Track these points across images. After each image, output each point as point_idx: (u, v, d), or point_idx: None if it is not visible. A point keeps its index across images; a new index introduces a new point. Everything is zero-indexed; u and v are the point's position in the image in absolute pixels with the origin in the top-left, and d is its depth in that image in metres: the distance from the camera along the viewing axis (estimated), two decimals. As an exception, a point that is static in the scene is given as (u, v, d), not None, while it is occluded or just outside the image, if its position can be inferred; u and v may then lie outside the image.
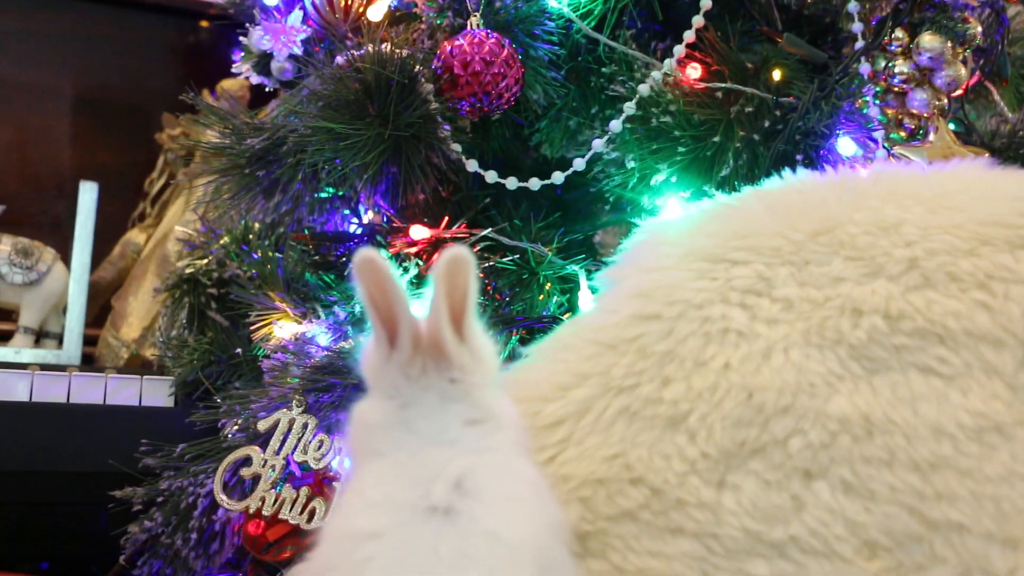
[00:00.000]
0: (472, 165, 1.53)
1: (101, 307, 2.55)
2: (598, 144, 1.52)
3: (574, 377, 1.07)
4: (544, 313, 1.54)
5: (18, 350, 2.22)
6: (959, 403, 1.00)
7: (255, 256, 1.79)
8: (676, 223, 1.19)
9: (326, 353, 1.42)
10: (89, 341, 2.41)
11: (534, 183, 1.53)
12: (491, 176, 1.53)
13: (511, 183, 1.52)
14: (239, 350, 1.66)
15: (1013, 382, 0.99)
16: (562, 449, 1.03)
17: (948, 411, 0.99)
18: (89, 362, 2.43)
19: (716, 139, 1.49)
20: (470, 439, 0.86)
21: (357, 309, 1.47)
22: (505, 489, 0.84)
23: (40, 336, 2.34)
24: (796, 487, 0.99)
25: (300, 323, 1.52)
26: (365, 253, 0.81)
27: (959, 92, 1.60)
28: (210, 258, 1.89)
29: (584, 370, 1.07)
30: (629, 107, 1.50)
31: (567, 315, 1.54)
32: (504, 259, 1.56)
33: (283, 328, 1.54)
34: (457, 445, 0.85)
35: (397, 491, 0.82)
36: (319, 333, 1.48)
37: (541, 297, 1.56)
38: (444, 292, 0.82)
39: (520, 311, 1.53)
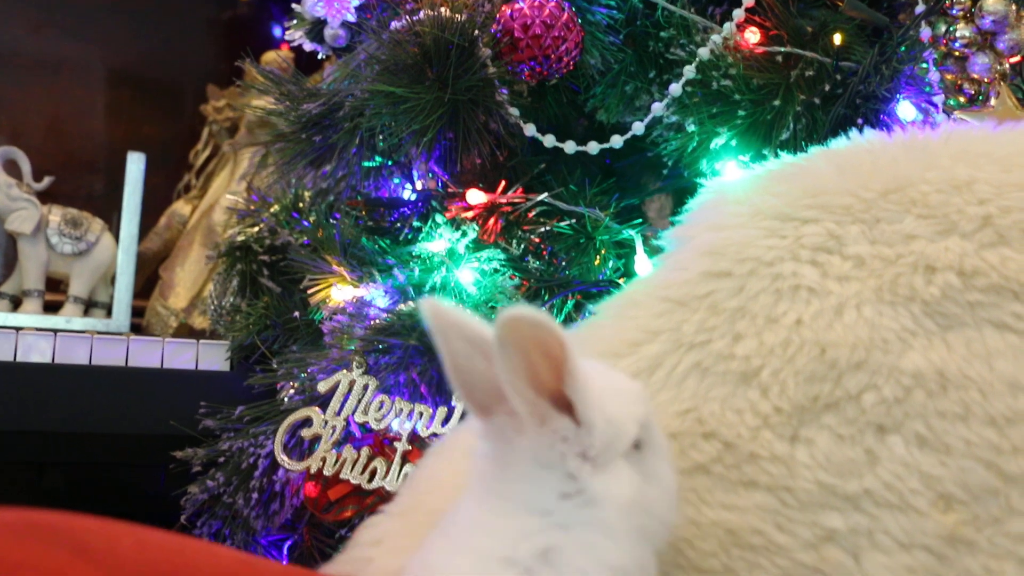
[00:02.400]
0: (530, 129, 1.54)
1: (147, 278, 2.58)
2: (658, 107, 1.52)
3: (645, 333, 1.08)
4: (600, 277, 1.54)
5: (69, 319, 2.24)
6: (1035, 358, 1.00)
7: (306, 224, 1.80)
8: (743, 182, 1.20)
9: (385, 315, 1.43)
10: (136, 312, 2.44)
11: (592, 147, 1.53)
12: (549, 140, 1.54)
13: (569, 147, 1.53)
14: (296, 314, 1.67)
15: (1090, 338, 1.00)
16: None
17: (1024, 366, 1.00)
18: (137, 331, 2.45)
19: (776, 103, 1.49)
20: (563, 512, 0.82)
21: (416, 273, 1.48)
22: (586, 571, 0.82)
23: (89, 306, 2.36)
24: (870, 441, 1.00)
25: (357, 287, 1.54)
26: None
27: (1020, 57, 1.59)
28: (261, 226, 1.90)
29: (655, 326, 1.08)
30: (689, 71, 1.50)
31: (623, 279, 1.55)
32: (560, 223, 1.57)
33: (341, 292, 1.55)
34: (549, 516, 0.82)
35: (486, 544, 0.82)
36: (377, 296, 1.49)
37: (597, 261, 1.56)
38: (514, 358, 0.76)
39: (576, 275, 1.54)
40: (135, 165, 2.37)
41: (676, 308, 1.08)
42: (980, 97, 1.59)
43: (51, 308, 2.34)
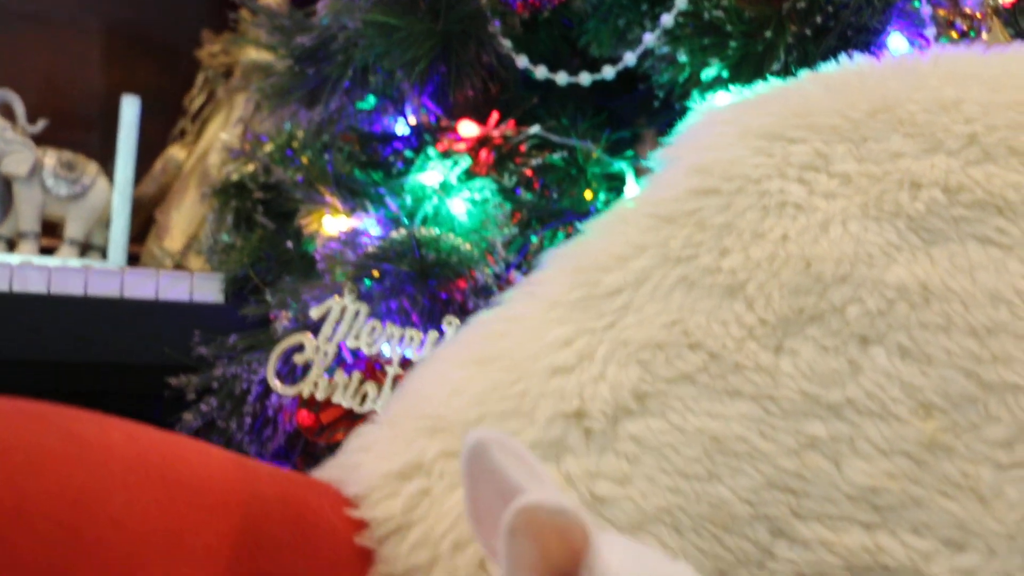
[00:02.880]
0: (522, 61, 1.54)
1: (143, 223, 2.59)
2: (649, 39, 1.53)
3: (633, 248, 1.09)
4: (592, 209, 1.55)
5: (65, 260, 2.25)
6: (1017, 270, 1.01)
7: (300, 163, 1.80)
8: (732, 104, 1.21)
9: (378, 243, 1.44)
10: (131, 258, 2.44)
11: (584, 77, 1.54)
12: (541, 71, 1.54)
13: (561, 78, 1.54)
14: (289, 243, 1.68)
15: (1072, 250, 1.01)
16: (621, 316, 1.05)
17: (1006, 278, 1.01)
18: (133, 271, 2.46)
19: (767, 35, 1.49)
20: None
21: (408, 201, 1.49)
22: None
23: (85, 249, 2.37)
24: (853, 352, 1.01)
25: (350, 217, 1.55)
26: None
27: (1013, -5, 1.59)
28: (255, 164, 1.90)
29: (643, 241, 1.09)
30: (680, 2, 1.50)
31: (614, 212, 1.56)
32: (552, 156, 1.58)
33: (333, 222, 1.56)
34: None
35: None
36: (370, 225, 1.50)
37: (588, 194, 1.57)
38: (524, 550, 0.67)
39: (568, 207, 1.55)
40: (129, 108, 2.37)
41: (663, 224, 1.09)
42: (972, 32, 1.59)
43: (47, 252, 2.35)
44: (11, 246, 2.31)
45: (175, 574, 0.76)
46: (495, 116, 1.61)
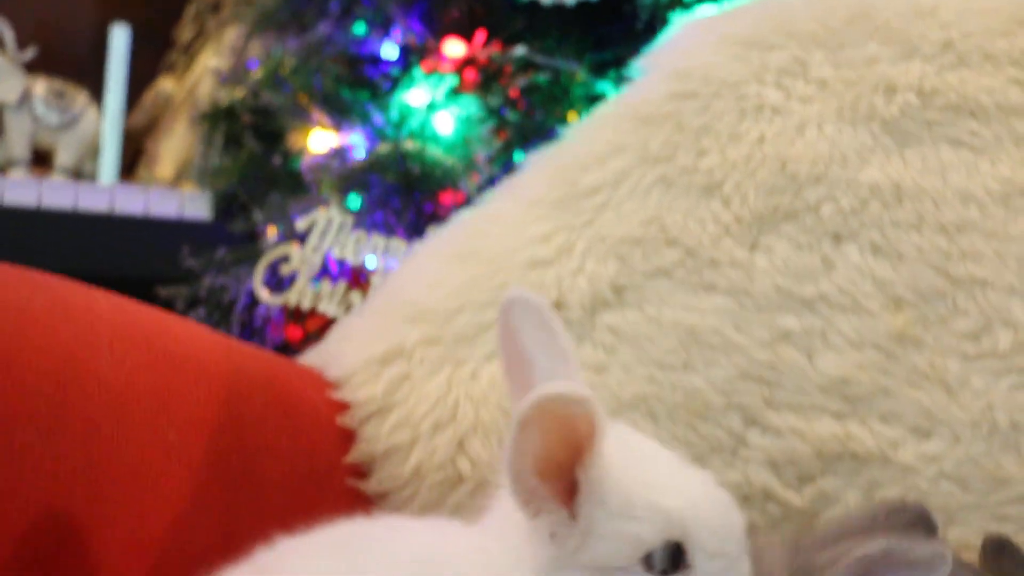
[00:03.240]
0: (509, -23, 1.55)
1: (133, 154, 2.59)
2: (634, -43, 1.54)
3: (612, 148, 1.10)
4: (576, 129, 1.57)
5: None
6: (987, 171, 1.03)
7: (288, 89, 1.81)
8: (712, 14, 1.22)
9: (364, 156, 1.45)
10: (121, 188, 2.46)
11: (569, -1, 1.55)
12: (528, -14, 1.55)
13: (546, -1, 1.55)
14: (276, 159, 1.70)
15: (1042, 150, 1.03)
16: (600, 213, 1.06)
17: (976, 179, 1.03)
18: (123, 202, 2.47)
19: (750, -46, 1.50)
20: None
21: (395, 117, 1.50)
22: None
23: (75, 177, 2.38)
24: (827, 249, 1.03)
25: (336, 133, 1.56)
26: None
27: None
28: (245, 89, 1.91)
29: (622, 142, 1.10)
30: (664, -79, 1.51)
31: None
32: (537, 76, 1.59)
33: (320, 138, 1.58)
34: None
35: None
36: (356, 141, 1.51)
37: (572, 114, 1.58)
38: (530, 440, 0.64)
39: (552, 126, 1.56)
40: (119, 37, 2.37)
41: (642, 126, 1.11)
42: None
43: (38, 180, 2.36)
44: (2, 173, 2.32)
45: (160, 437, 0.78)
46: (481, 37, 1.61)
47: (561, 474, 0.65)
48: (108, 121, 2.33)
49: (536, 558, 0.66)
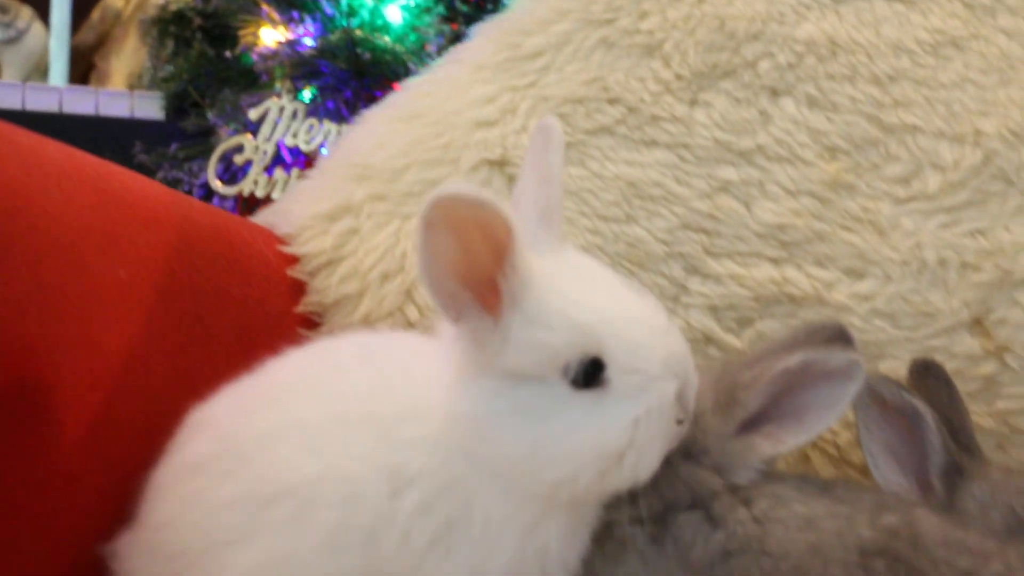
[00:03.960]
0: None
1: (83, 71, 2.58)
2: None
3: (555, 13, 1.12)
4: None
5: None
6: (919, 23, 1.06)
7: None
8: None
9: (315, 46, 1.46)
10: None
11: None
12: None
13: None
14: (227, 53, 1.70)
15: (971, 1, 1.07)
16: (543, 75, 1.08)
17: (908, 30, 1.06)
18: (72, 120, 2.47)
19: None
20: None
21: (344, 5, 1.51)
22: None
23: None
24: (764, 103, 1.06)
25: (287, 27, 1.57)
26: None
27: None
28: (194, -6, 1.91)
29: (564, 7, 1.12)
30: None
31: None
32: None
33: (271, 32, 1.58)
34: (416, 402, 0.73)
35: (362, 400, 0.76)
36: (306, 36, 1.52)
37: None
38: (442, 242, 0.64)
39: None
40: (63, -48, 2.35)
41: (584, -9, 1.13)
42: None
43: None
44: (-53, 83, 2.31)
45: (110, 273, 0.79)
46: (429, -74, 1.62)
47: (484, 280, 0.66)
48: (55, 36, 2.32)
49: (460, 362, 0.69)
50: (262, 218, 1.04)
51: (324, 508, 0.68)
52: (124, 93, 1.85)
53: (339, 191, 1.02)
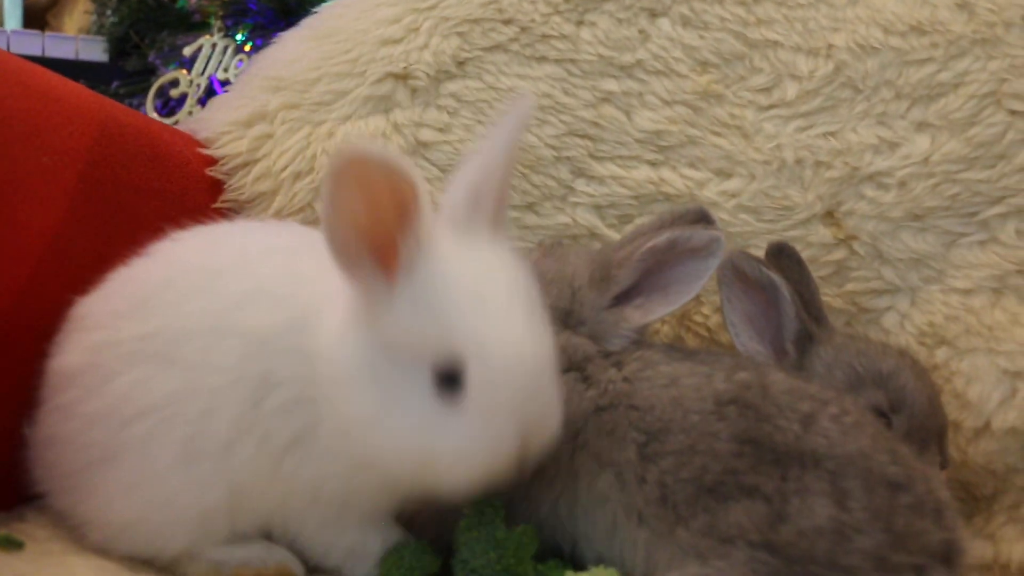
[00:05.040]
0: None
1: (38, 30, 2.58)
2: None
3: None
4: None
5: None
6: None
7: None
8: None
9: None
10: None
11: None
12: None
13: None
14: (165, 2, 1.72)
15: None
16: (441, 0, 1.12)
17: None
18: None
19: None
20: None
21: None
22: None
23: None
24: (643, 23, 1.10)
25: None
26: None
27: None
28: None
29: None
30: None
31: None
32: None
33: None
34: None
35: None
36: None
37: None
38: (348, 197, 0.62)
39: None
40: (17, -86, 2.34)
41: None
42: None
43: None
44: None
45: (33, 158, 0.81)
46: None
47: (386, 241, 0.63)
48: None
49: (347, 313, 0.67)
50: (184, 126, 1.08)
51: (181, 424, 0.68)
52: (70, 37, 1.86)
53: (255, 100, 1.05)
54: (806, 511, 0.69)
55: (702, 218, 0.89)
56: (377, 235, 0.63)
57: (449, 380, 0.64)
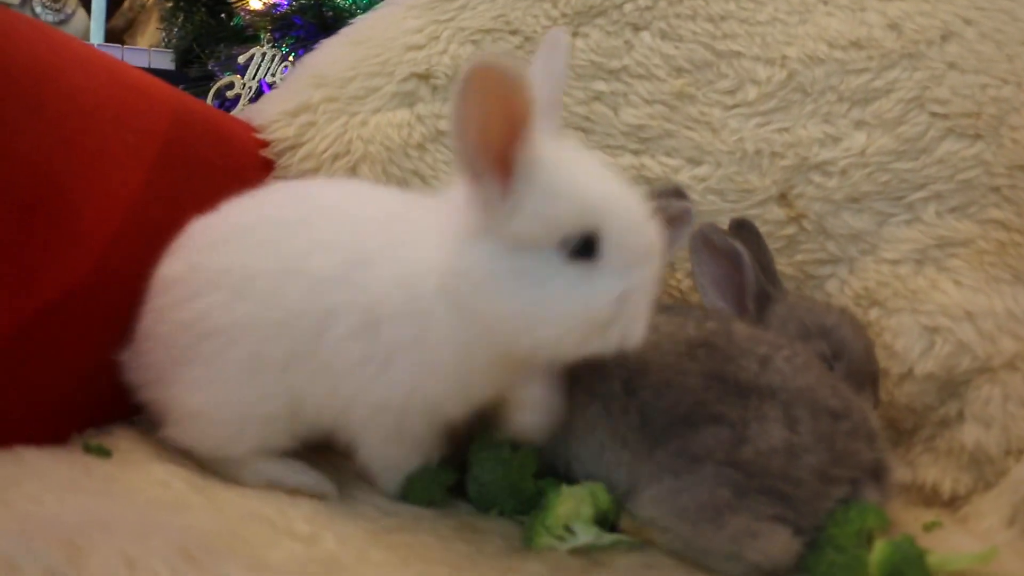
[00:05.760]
0: None
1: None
2: None
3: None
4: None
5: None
6: (744, -24, 1.11)
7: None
8: None
9: (290, 4, 1.49)
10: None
11: None
12: None
13: None
14: (223, 16, 1.71)
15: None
16: (460, 13, 1.11)
17: (736, -18, 1.11)
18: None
19: None
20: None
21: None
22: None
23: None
24: (628, 35, 1.10)
25: (271, -7, 1.58)
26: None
27: None
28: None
29: (477, -37, 1.16)
30: None
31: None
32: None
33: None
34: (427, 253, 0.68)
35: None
36: (282, -1, 1.54)
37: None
38: (470, 106, 0.59)
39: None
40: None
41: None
42: None
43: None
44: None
45: (120, 135, 0.82)
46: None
47: (500, 150, 0.61)
48: (94, 20, 2.31)
49: (467, 222, 0.64)
50: (242, 114, 1.07)
51: (245, 345, 0.69)
52: (143, 49, 1.85)
53: (301, 94, 1.05)
54: (763, 434, 0.70)
55: (676, 192, 0.89)
56: (495, 143, 0.61)
57: (585, 247, 0.63)
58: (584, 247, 0.63)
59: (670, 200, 0.86)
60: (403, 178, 1.02)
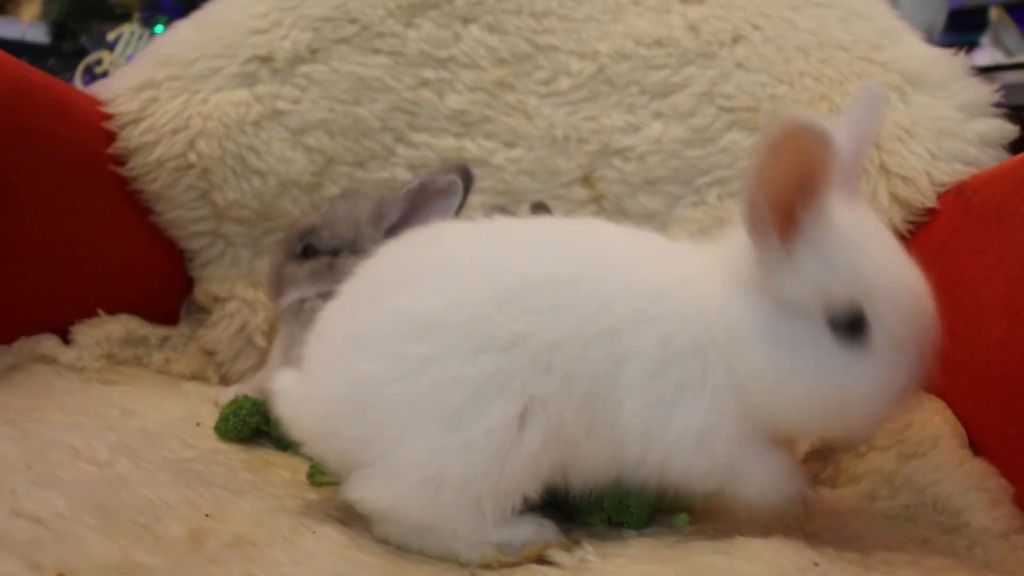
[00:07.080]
0: None
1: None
2: None
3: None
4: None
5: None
6: (561, -25, 1.26)
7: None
8: None
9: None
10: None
11: None
12: None
13: None
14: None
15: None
16: (303, 1, 1.23)
17: (558, -17, 1.26)
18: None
19: None
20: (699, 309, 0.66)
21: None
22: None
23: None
24: (457, 28, 1.23)
25: (143, -26, 1.68)
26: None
27: None
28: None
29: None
30: None
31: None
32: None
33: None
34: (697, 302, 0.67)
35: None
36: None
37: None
38: (772, 163, 0.59)
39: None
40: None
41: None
42: None
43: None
44: None
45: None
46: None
47: (787, 208, 0.61)
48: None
49: (742, 275, 0.64)
50: (89, 89, 1.18)
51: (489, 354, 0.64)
52: (18, 21, 1.93)
53: (146, 72, 1.16)
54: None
55: (459, 170, 0.97)
56: (788, 200, 0.61)
57: (851, 326, 0.62)
58: (854, 324, 0.62)
59: (439, 174, 0.96)
60: (239, 152, 1.14)
